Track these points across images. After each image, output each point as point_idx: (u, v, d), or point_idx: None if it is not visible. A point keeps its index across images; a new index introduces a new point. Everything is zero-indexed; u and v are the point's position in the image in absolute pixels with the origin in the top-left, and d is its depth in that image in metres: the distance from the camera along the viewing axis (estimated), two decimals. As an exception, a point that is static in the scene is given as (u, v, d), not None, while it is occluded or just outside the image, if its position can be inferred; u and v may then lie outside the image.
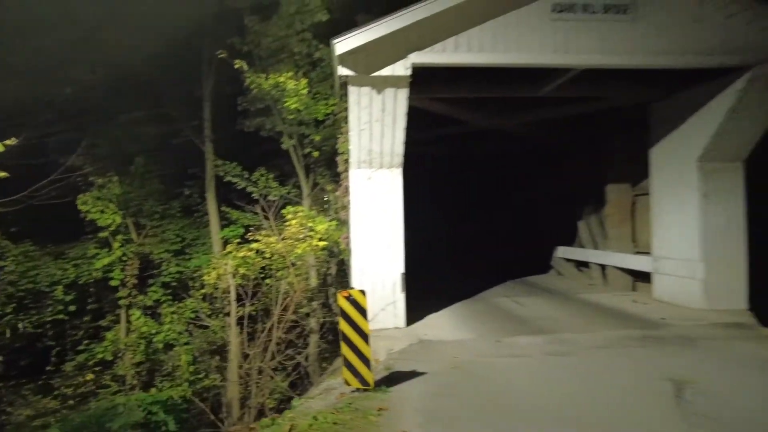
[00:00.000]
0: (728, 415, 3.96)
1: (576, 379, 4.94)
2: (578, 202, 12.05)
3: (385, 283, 7.37)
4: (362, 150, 7.23)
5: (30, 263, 9.90)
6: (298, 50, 8.82)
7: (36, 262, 10.05)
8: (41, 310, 9.93)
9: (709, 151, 7.75)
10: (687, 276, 8.22)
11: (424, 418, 3.98)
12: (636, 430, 3.74)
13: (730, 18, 6.72)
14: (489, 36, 6.39)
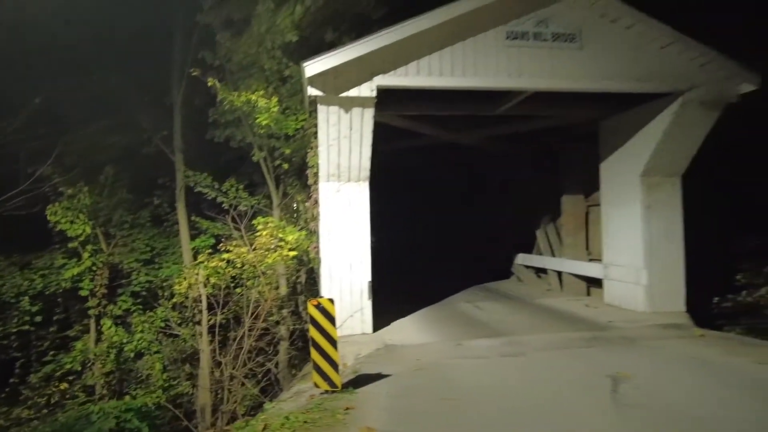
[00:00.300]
0: (656, 405, 4.49)
1: (525, 376, 5.44)
2: (536, 212, 12.69)
3: (353, 290, 7.74)
4: (331, 164, 7.61)
5: (-6, 274, 9.87)
6: (269, 67, 9.13)
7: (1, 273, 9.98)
8: (6, 321, 9.85)
9: (650, 166, 8.46)
10: (632, 282, 8.89)
11: (388, 415, 4.38)
12: (573, 418, 4.22)
13: (664, 48, 7.43)
14: (448, 61, 6.89)
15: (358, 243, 7.78)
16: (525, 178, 13.22)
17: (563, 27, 7.19)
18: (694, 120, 7.90)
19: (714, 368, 5.58)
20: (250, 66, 9.44)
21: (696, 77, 7.53)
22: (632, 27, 7.30)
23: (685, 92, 7.57)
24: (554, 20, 7.16)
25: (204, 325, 8.37)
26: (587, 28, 7.27)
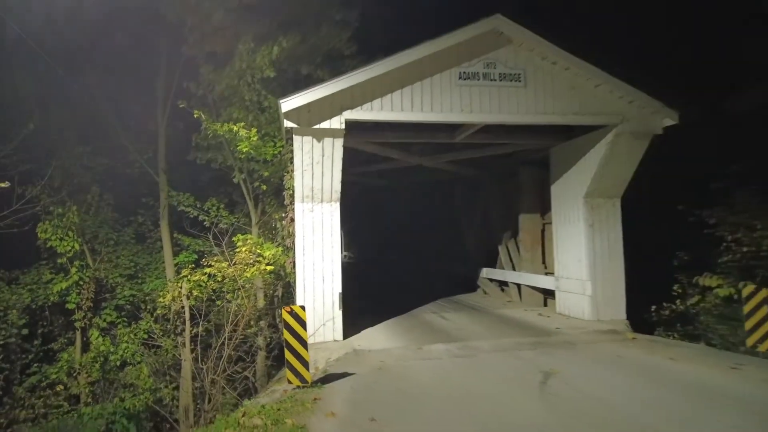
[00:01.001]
0: (575, 393, 5.36)
1: (470, 373, 6.29)
2: (498, 229, 13.69)
3: (326, 301, 8.51)
4: (305, 187, 8.44)
5: (-16, 289, 10.36)
6: (249, 98, 9.98)
7: (-11, 288, 10.49)
8: (-6, 334, 10.33)
9: (592, 189, 9.51)
10: (579, 292, 9.87)
11: (348, 403, 5.18)
12: (503, 403, 5.07)
13: (597, 87, 8.53)
14: (408, 98, 7.85)
15: (330, 258, 8.58)
16: (488, 198, 14.23)
17: (509, 68, 8.23)
18: (627, 149, 8.98)
19: (632, 364, 6.53)
20: (232, 96, 10.28)
21: (626, 112, 8.63)
22: (569, 69, 8.38)
23: (618, 125, 8.65)
24: (501, 62, 8.21)
25: (187, 334, 9.02)
26: (530, 69, 8.33)
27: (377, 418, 4.73)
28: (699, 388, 5.44)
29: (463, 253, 16.28)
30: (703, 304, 10.49)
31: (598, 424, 4.48)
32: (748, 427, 4.31)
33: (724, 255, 10.36)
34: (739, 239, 10.13)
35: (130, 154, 12.34)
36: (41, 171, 10.39)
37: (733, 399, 5.05)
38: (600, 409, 4.86)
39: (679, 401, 5.04)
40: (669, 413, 4.71)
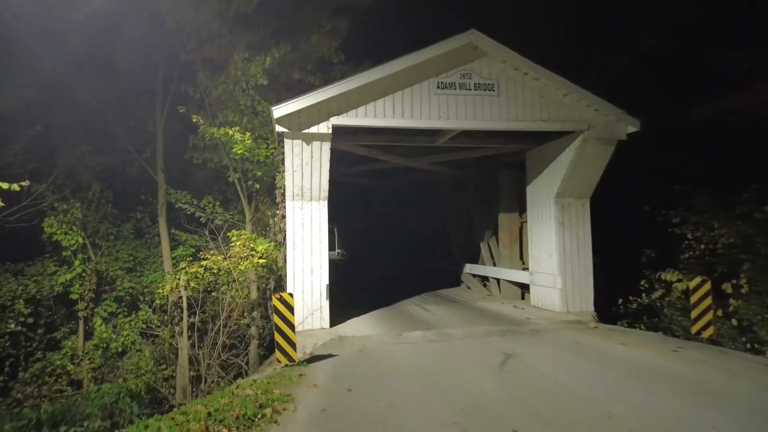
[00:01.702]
0: (530, 373, 6.08)
1: (441, 355, 7.01)
2: (481, 227, 14.45)
3: (314, 292, 9.20)
4: (295, 186, 9.11)
5: (-7, 279, 11.00)
6: (243, 102, 10.63)
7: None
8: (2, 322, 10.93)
9: (562, 190, 10.25)
10: (550, 286, 10.63)
11: (329, 378, 5.89)
12: (463, 378, 5.79)
13: (565, 96, 9.26)
14: (389, 106, 8.55)
15: (318, 252, 9.26)
16: (471, 198, 14.97)
17: (483, 79, 8.96)
18: (594, 153, 9.73)
19: (586, 349, 7.28)
20: (228, 100, 10.93)
21: (592, 119, 9.38)
22: (539, 79, 9.11)
23: (584, 131, 9.39)
24: (476, 73, 8.93)
25: (185, 323, 9.69)
26: (503, 80, 9.06)
27: (353, 388, 5.45)
28: (638, 367, 6.19)
29: (449, 250, 17.01)
30: (668, 297, 11.29)
31: (541, 393, 5.22)
32: (672, 398, 5.04)
33: (686, 252, 11.19)
34: (699, 237, 10.94)
35: (129, 153, 12.96)
36: (46, 169, 11.01)
37: (666, 376, 5.80)
38: (546, 383, 5.60)
39: (617, 377, 5.79)
40: (605, 386, 5.44)
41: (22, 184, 7.00)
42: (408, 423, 4.42)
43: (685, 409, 4.66)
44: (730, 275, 10.27)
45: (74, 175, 12.21)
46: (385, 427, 4.34)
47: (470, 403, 4.89)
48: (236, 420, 4.44)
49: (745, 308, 9.82)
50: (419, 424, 4.40)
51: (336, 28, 11.97)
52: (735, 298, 10.07)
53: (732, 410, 4.59)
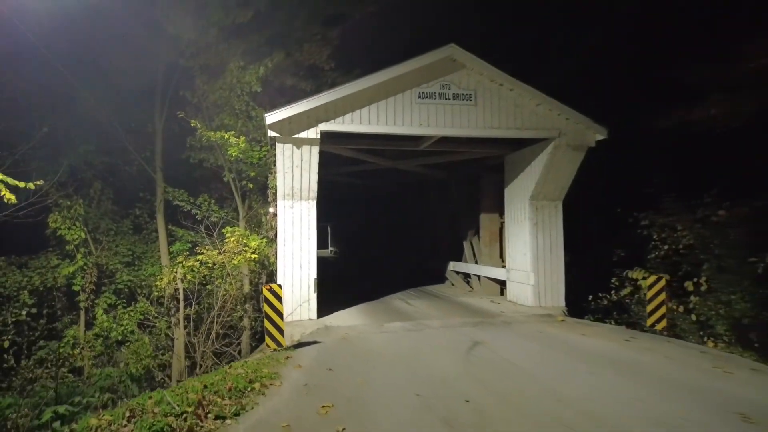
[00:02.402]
0: (493, 357, 6.80)
1: (415, 343, 7.72)
2: (464, 226, 15.19)
3: (302, 285, 9.88)
4: (286, 186, 9.78)
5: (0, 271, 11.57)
6: (239, 107, 11.29)
7: (4, 270, 11.70)
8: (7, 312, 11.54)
9: (536, 192, 10.98)
10: (524, 282, 11.37)
11: (313, 360, 6.59)
12: (434, 361, 6.50)
13: (538, 106, 9.99)
14: (374, 113, 9.24)
15: (307, 248, 9.94)
16: (456, 199, 15.70)
17: (462, 89, 9.66)
18: (565, 159, 10.46)
19: (548, 338, 8.01)
20: (224, 105, 11.58)
21: (563, 127, 10.12)
22: (513, 90, 9.83)
23: (556, 138, 10.12)
24: (455, 84, 9.64)
25: (181, 313, 10.34)
26: (480, 90, 9.77)
27: (333, 368, 6.16)
28: (590, 353, 6.93)
29: (435, 248, 17.75)
30: (637, 294, 12.07)
31: (498, 373, 5.94)
32: (612, 377, 5.75)
33: (652, 252, 11.98)
34: (664, 238, 11.73)
35: (129, 153, 13.56)
36: (51, 167, 11.62)
37: (613, 360, 6.54)
38: (504, 365, 6.33)
39: (569, 361, 6.52)
40: (556, 368, 6.18)
41: (37, 183, 7.62)
42: (377, 394, 5.13)
43: (619, 385, 5.39)
44: (693, 274, 11.07)
45: (77, 173, 12.82)
46: (358, 397, 5.05)
47: (434, 380, 5.61)
48: (229, 391, 5.13)
49: (702, 305, 10.63)
50: (386, 395, 5.11)
51: (327, 37, 12.63)
52: (695, 295, 10.89)
53: (657, 386, 5.32)
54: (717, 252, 10.34)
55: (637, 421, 4.28)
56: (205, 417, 4.46)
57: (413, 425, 4.27)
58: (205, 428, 4.26)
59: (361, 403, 4.86)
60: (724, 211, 10.28)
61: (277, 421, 4.38)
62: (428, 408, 4.68)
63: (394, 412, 4.61)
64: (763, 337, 9.63)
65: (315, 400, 4.93)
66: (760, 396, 4.96)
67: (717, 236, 10.58)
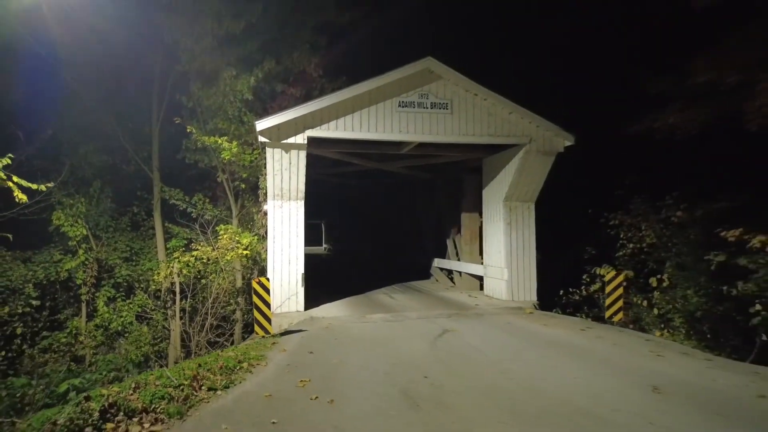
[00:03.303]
0: (459, 343, 7.56)
1: (392, 331, 8.49)
2: (448, 225, 15.97)
3: (291, 280, 10.62)
4: (276, 187, 10.52)
5: (7, 264, 12.26)
6: (231, 112, 11.98)
7: (10, 264, 12.39)
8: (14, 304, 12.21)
9: (510, 194, 11.77)
10: (499, 278, 12.16)
11: (296, 345, 7.35)
12: (405, 346, 7.27)
13: (510, 114, 10.76)
14: (357, 121, 9.99)
15: (295, 245, 10.68)
16: (440, 199, 16.48)
17: (439, 98, 10.43)
18: (536, 163, 11.25)
19: (512, 327, 8.81)
20: (217, 110, 12.28)
21: (533, 134, 10.90)
22: (487, 99, 10.61)
23: (527, 144, 10.91)
24: (432, 94, 10.40)
25: (177, 304, 11.07)
26: (456, 100, 10.54)
27: (314, 351, 6.93)
28: (546, 340, 7.73)
29: (422, 246, 18.53)
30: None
31: (459, 355, 6.73)
32: (560, 359, 6.53)
33: (620, 250, 12.81)
34: (630, 237, 12.56)
35: (127, 152, 14.23)
36: (54, 167, 12.29)
37: (565, 345, 7.33)
38: (466, 348, 7.12)
39: (524, 346, 7.31)
40: (511, 351, 6.96)
41: (48, 185, 8.32)
42: (350, 372, 5.90)
43: (563, 365, 6.18)
44: (657, 271, 11.90)
45: (77, 172, 13.50)
46: (332, 374, 5.81)
47: (401, 361, 6.38)
48: (220, 369, 5.88)
49: (662, 299, 11.46)
50: (358, 372, 5.88)
51: (316, 45, 13.36)
52: (658, 290, 11.72)
53: (595, 366, 6.12)
54: (675, 250, 11.16)
55: (568, 393, 5.06)
56: (199, 388, 5.21)
57: (375, 394, 5.04)
58: (198, 397, 5.01)
59: (334, 378, 5.63)
60: (681, 212, 11.10)
61: (261, 392, 5.14)
62: (391, 382, 5.46)
63: (361, 385, 5.38)
64: (715, 328, 10.47)
65: (295, 377, 5.70)
66: (677, 373, 5.77)
67: (677, 236, 11.40)
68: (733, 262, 9.38)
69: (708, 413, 4.44)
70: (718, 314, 10.21)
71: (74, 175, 13.45)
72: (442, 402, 4.76)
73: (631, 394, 5.01)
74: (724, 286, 9.80)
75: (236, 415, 4.52)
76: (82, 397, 4.52)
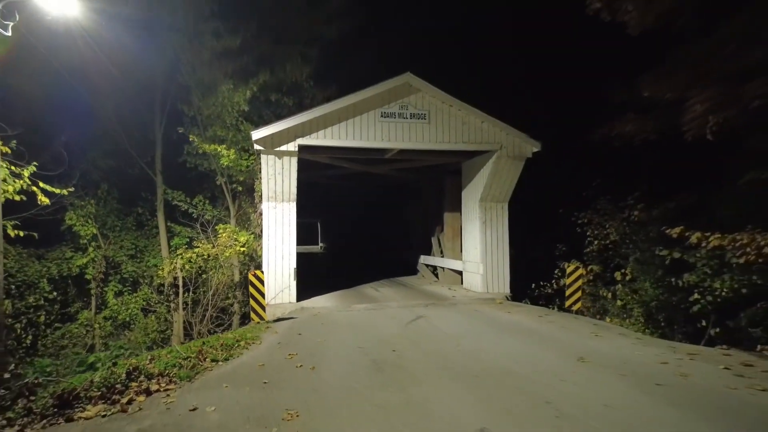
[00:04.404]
0: (428, 326, 8.65)
1: (372, 318, 9.60)
2: (433, 224, 17.09)
3: (284, 274, 11.68)
4: (270, 190, 11.59)
5: (23, 261, 13.34)
6: (229, 121, 13.08)
7: (26, 261, 13.47)
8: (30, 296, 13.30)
9: (485, 195, 12.87)
10: (475, 272, 13.27)
11: (287, 329, 8.45)
12: (382, 330, 8.37)
13: (482, 123, 11.87)
14: (344, 130, 11.08)
15: (288, 242, 11.75)
16: (426, 199, 17.60)
17: (417, 109, 11.53)
18: (507, 167, 12.35)
19: (479, 314, 9.92)
20: (216, 118, 13.37)
21: (503, 141, 12.00)
22: (461, 110, 11.70)
23: (498, 150, 12.01)
24: (412, 105, 11.50)
25: (180, 297, 12.16)
26: (433, 110, 11.64)
27: (302, 333, 8.04)
28: (506, 325, 8.84)
29: (410, 243, 19.65)
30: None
31: (426, 335, 7.83)
32: (513, 340, 7.61)
33: (588, 247, 13.95)
34: (596, 234, 13.70)
35: (132, 157, 15.32)
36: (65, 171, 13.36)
37: (522, 329, 8.43)
38: (433, 330, 8.23)
39: (485, 329, 8.42)
40: (473, 333, 8.07)
41: (69, 189, 9.39)
42: (330, 348, 7.01)
43: (511, 342, 7.29)
44: (621, 266, 13.03)
45: (86, 175, 14.57)
46: (316, 349, 6.92)
47: (375, 340, 7.49)
48: (221, 346, 6.98)
49: (623, 292, 12.59)
50: (337, 348, 6.99)
51: (307, 56, 14.44)
52: (621, 284, 12.85)
53: (538, 343, 7.23)
54: (632, 246, 12.30)
55: (504, 360, 6.16)
56: (203, 360, 6.31)
57: (349, 363, 6.15)
58: (203, 366, 6.11)
59: (317, 352, 6.74)
60: (638, 212, 12.24)
61: (255, 363, 6.25)
62: (364, 354, 6.57)
63: (338, 356, 6.49)
64: (669, 317, 11.60)
65: (284, 351, 6.80)
66: (605, 347, 6.89)
67: (636, 233, 12.53)
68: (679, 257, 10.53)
69: (614, 374, 5.55)
70: (672, 304, 11.34)
71: (83, 177, 14.50)
72: (402, 366, 5.88)
73: (557, 362, 6.12)
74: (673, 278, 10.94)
75: (235, 378, 5.62)
76: (110, 363, 5.61)
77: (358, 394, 4.96)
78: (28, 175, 8.40)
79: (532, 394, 4.86)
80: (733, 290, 9.69)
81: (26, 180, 8.53)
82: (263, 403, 4.72)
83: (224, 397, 4.93)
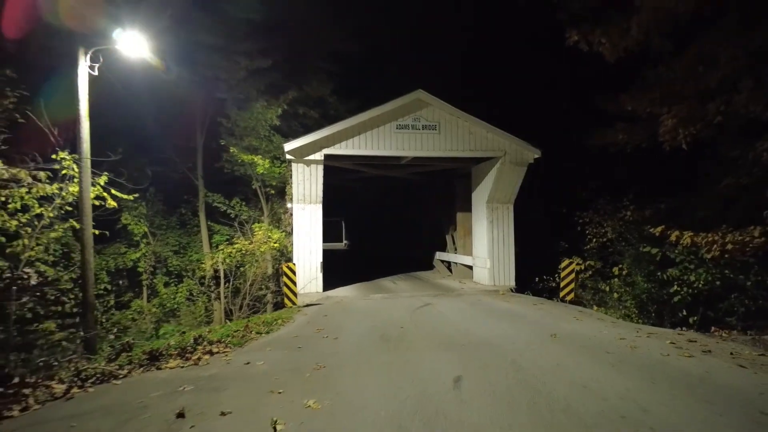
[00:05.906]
0: (432, 312, 10.10)
1: (386, 305, 11.11)
2: (446, 223, 18.52)
3: (311, 267, 13.29)
4: (299, 194, 13.22)
5: (87, 256, 15.39)
6: (263, 133, 14.80)
7: (89, 256, 15.50)
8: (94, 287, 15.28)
9: (491, 197, 14.24)
10: (483, 267, 14.66)
11: (315, 312, 10.06)
12: (391, 314, 9.86)
13: (487, 133, 13.24)
14: (363, 141, 12.62)
15: (315, 239, 13.35)
16: (439, 201, 19.05)
17: (429, 121, 12.98)
18: (510, 172, 13.69)
19: (480, 303, 11.33)
20: (251, 130, 15.10)
21: (507, 148, 13.36)
22: (468, 121, 13.11)
23: (501, 157, 13.37)
24: (423, 118, 12.96)
25: (222, 287, 13.91)
26: (443, 122, 13.07)
27: (327, 315, 9.64)
28: (502, 311, 10.23)
29: (427, 241, 21.12)
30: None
31: (429, 319, 9.32)
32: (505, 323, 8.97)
33: (588, 244, 15.18)
34: (595, 233, 14.92)
35: (175, 163, 17.21)
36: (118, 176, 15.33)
37: (515, 314, 9.81)
38: (436, 315, 9.71)
39: (482, 314, 9.84)
40: (471, 318, 9.49)
41: (135, 195, 11.18)
42: (349, 325, 8.57)
43: (500, 324, 8.69)
44: (618, 261, 14.24)
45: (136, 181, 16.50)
46: (338, 326, 8.49)
47: (386, 321, 9.01)
48: (263, 323, 8.63)
49: (618, 285, 13.79)
50: (354, 326, 8.55)
51: (331, 73, 16.05)
52: (617, 278, 14.05)
53: (523, 325, 8.62)
54: (624, 244, 13.50)
55: (489, 336, 7.57)
56: (250, 332, 7.95)
57: (363, 336, 7.69)
58: (250, 337, 7.75)
59: (338, 329, 8.31)
60: (631, 212, 13.44)
61: (290, 335, 7.86)
62: (376, 330, 8.10)
63: (355, 332, 8.05)
64: (658, 309, 12.78)
65: (313, 327, 8.40)
66: (580, 329, 8.23)
67: (630, 231, 13.72)
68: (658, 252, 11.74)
69: (576, 346, 6.92)
70: (661, 297, 12.53)
71: (133, 182, 16.41)
72: (404, 339, 7.40)
73: (532, 337, 7.52)
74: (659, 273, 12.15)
75: (276, 344, 7.23)
76: (179, 332, 7.29)
77: (368, 355, 6.50)
78: (103, 183, 10.16)
79: (503, 357, 6.30)
80: (707, 283, 10.89)
81: (99, 188, 10.32)
82: (298, 359, 6.31)
83: (269, 356, 6.53)
